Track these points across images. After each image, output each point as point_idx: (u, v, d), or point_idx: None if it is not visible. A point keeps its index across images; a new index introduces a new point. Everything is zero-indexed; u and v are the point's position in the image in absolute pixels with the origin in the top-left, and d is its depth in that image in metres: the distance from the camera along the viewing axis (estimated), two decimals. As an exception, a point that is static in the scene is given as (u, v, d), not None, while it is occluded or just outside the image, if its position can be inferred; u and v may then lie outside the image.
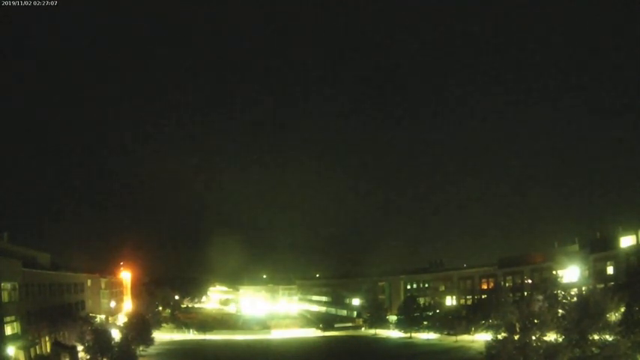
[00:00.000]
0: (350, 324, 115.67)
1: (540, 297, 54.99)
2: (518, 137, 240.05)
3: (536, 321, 48.79)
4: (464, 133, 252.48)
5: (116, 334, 67.53)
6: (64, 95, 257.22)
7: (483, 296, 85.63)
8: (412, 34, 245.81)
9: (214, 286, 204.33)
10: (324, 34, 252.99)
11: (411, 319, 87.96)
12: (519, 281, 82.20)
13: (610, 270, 65.56)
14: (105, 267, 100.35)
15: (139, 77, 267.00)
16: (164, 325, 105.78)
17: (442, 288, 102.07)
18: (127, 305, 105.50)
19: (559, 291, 55.43)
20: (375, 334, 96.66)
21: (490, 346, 49.58)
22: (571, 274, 70.96)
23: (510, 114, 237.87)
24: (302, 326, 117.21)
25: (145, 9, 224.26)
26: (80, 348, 59.55)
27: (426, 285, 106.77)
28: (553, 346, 45.62)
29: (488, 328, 65.59)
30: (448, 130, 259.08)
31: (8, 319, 48.71)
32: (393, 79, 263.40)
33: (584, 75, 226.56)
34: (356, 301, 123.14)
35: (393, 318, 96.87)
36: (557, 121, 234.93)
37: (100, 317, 79.08)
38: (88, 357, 58.78)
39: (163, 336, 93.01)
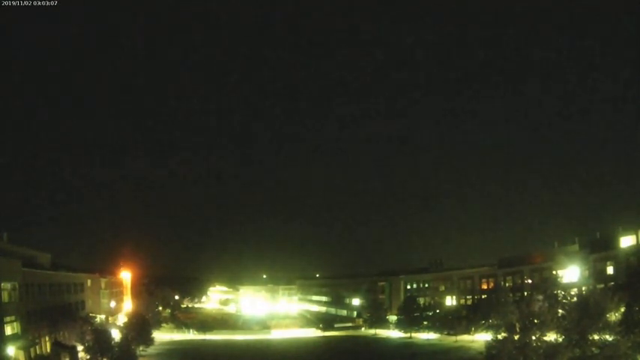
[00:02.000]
0: (350, 324, 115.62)
1: (540, 297, 54.91)
2: (518, 138, 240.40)
3: (536, 321, 48.72)
4: (464, 135, 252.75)
5: (116, 334, 67.47)
6: (65, 95, 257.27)
7: (483, 296, 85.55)
8: (417, 36, 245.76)
9: (214, 286, 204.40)
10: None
11: (411, 319, 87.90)
12: (519, 281, 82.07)
13: (610, 270, 65.47)
14: (105, 267, 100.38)
15: (139, 77, 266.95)
16: (164, 325, 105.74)
17: (442, 288, 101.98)
18: (127, 305, 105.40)
19: (559, 291, 55.37)
20: (375, 334, 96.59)
21: (490, 346, 49.53)
22: (571, 274, 70.89)
23: (510, 115, 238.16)
24: (302, 326, 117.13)
25: (145, 9, 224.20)
26: (80, 348, 59.51)
27: (426, 285, 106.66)
28: (553, 346, 45.55)
29: (488, 328, 65.50)
30: (449, 131, 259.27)
31: (8, 319, 48.63)
32: (401, 79, 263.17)
33: (584, 76, 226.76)
34: (356, 301, 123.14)
35: (393, 318, 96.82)
36: (557, 122, 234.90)
37: (100, 317, 78.97)
38: (88, 357, 58.74)
39: (163, 336, 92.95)
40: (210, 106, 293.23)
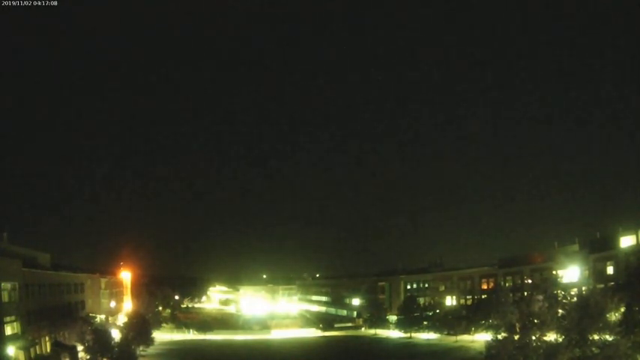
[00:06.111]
0: (350, 324, 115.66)
1: (540, 297, 54.81)
2: (518, 138, 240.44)
3: (536, 321, 48.77)
4: (464, 135, 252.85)
5: (116, 334, 67.51)
6: (64, 95, 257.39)
7: (483, 296, 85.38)
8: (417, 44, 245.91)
9: (214, 286, 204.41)
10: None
11: (411, 319, 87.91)
12: (519, 281, 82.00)
13: (610, 270, 65.37)
14: (105, 267, 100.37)
15: (140, 78, 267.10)
16: (164, 325, 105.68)
17: (442, 288, 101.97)
18: (127, 305, 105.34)
19: (559, 291, 55.34)
20: (375, 334, 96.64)
21: (490, 346, 49.55)
22: (571, 274, 70.86)
23: (510, 116, 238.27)
24: (302, 326, 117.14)
25: (145, 9, 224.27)
26: (80, 348, 59.57)
27: (426, 285, 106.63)
28: (553, 346, 45.56)
29: (488, 328, 65.50)
30: (448, 132, 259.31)
31: (8, 319, 48.64)
32: (400, 86, 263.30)
33: (583, 77, 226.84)
34: (356, 301, 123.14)
35: (393, 318, 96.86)
36: (556, 122, 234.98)
37: (100, 317, 78.99)
38: (88, 357, 58.78)
39: (163, 336, 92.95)
40: (212, 107, 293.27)
